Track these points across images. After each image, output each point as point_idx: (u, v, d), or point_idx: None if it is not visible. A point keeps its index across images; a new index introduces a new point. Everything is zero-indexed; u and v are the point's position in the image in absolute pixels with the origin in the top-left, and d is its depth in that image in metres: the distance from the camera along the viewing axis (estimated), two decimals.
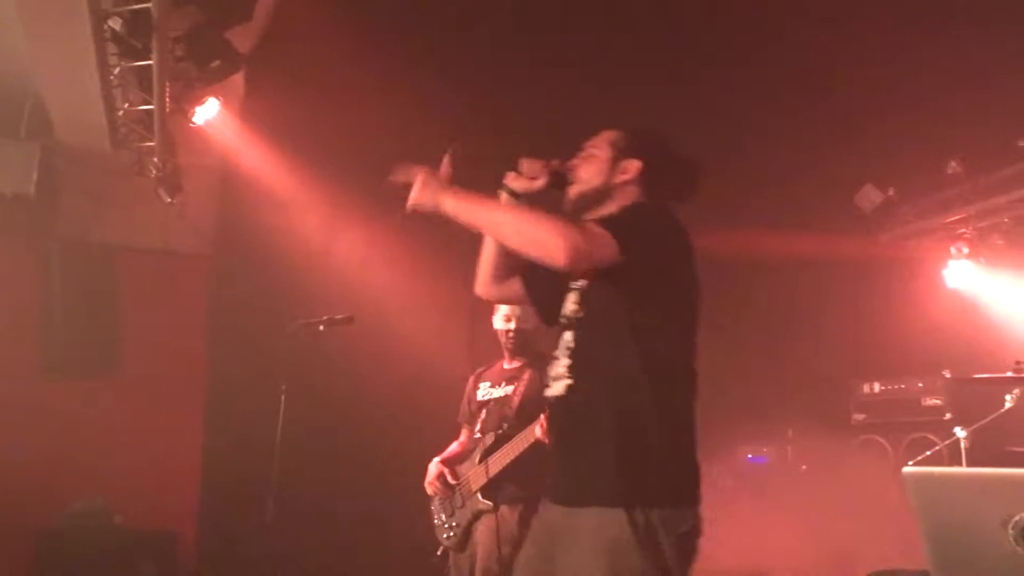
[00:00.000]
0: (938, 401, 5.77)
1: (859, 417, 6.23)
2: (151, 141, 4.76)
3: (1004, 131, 5.49)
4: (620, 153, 2.38)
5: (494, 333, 3.96)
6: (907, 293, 6.41)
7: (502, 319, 3.88)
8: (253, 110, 5.42)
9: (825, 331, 6.33)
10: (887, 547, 5.65)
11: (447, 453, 3.95)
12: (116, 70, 4.27)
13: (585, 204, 2.38)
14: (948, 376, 5.76)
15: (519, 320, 3.82)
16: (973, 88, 5.21)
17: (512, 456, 3.54)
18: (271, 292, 5.47)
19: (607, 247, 2.11)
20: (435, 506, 3.91)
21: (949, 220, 6.20)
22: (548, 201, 2.38)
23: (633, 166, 2.36)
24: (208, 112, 4.94)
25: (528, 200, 2.40)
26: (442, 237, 2.53)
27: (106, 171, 5.19)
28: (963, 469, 1.73)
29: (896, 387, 6.03)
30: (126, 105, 4.61)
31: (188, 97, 4.73)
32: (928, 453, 5.14)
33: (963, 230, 6.19)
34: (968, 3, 5.01)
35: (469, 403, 4.00)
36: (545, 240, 2.09)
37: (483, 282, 2.58)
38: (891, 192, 6.26)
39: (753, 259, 6.67)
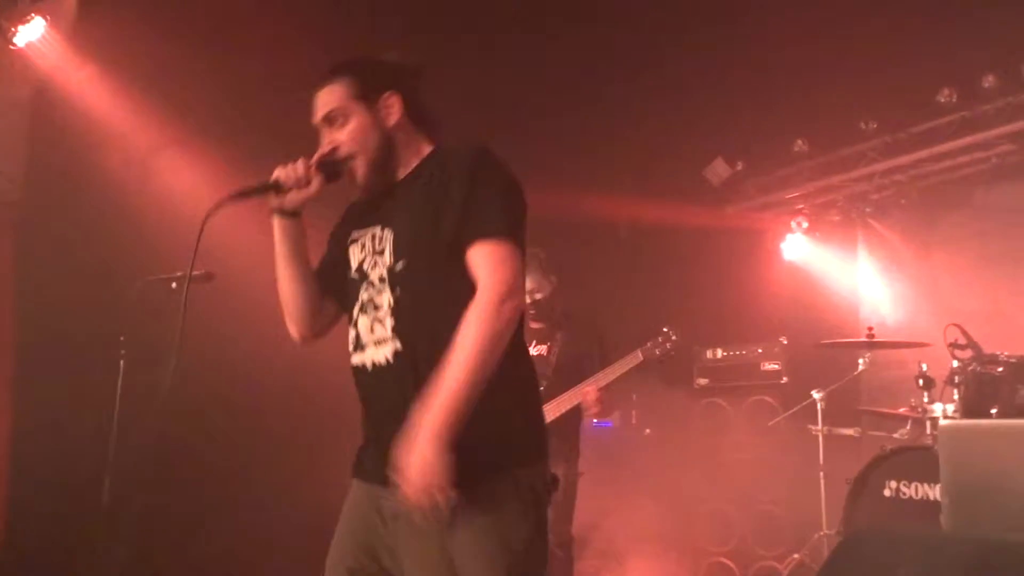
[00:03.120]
0: (776, 366, 6.11)
1: (702, 381, 6.48)
2: None
3: (849, 113, 5.85)
4: (367, 97, 2.08)
5: None
6: (750, 264, 6.74)
7: None
8: (85, 34, 4.68)
9: (670, 298, 6.49)
10: (726, 504, 5.96)
11: None
12: None
13: (379, 171, 2.08)
14: (785, 342, 6.12)
15: (532, 293, 3.92)
16: (822, 70, 5.48)
17: (559, 413, 3.74)
18: (100, 245, 4.79)
19: (519, 263, 1.94)
20: None
21: (789, 196, 6.55)
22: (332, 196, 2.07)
23: (393, 101, 2.09)
24: (32, 33, 4.29)
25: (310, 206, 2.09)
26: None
27: None
28: (1000, 421, 1.75)
29: (737, 353, 6.33)
30: None
31: (9, 13, 4.08)
32: (782, 416, 5.43)
33: (802, 206, 6.57)
34: None
35: None
36: (498, 329, 1.87)
37: (302, 324, 2.19)
38: (739, 166, 6.52)
39: (602, 224, 6.74)
